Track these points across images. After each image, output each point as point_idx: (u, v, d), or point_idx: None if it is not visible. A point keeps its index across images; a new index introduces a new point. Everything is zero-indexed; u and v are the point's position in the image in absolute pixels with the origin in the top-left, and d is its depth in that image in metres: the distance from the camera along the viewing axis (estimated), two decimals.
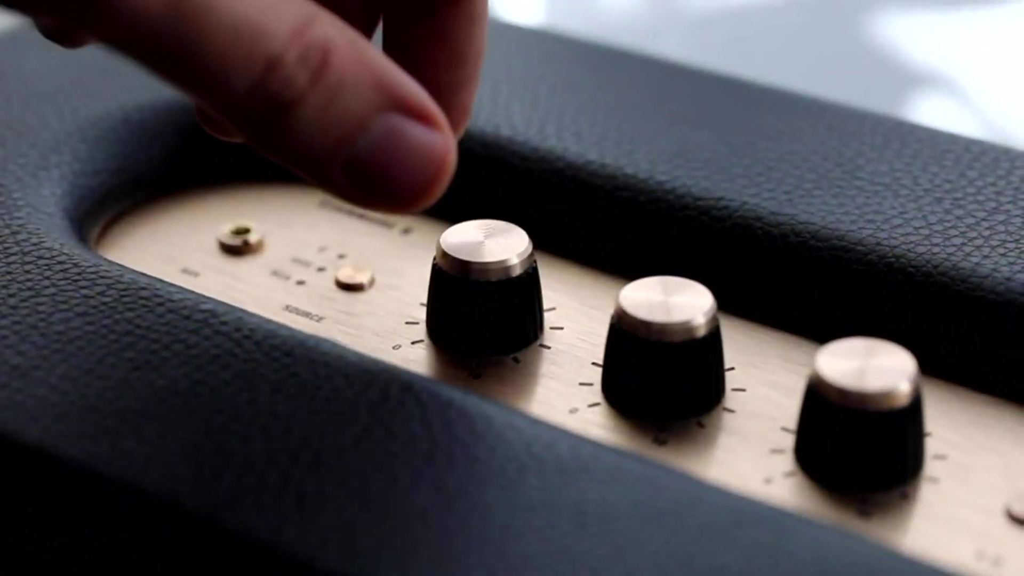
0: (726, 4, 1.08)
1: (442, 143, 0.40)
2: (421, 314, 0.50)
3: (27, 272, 0.48)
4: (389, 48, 0.45)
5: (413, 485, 0.41)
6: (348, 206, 0.54)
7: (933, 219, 0.49)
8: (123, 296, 0.47)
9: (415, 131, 0.40)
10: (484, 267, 0.47)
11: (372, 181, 0.40)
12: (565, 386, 0.47)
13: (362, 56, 0.39)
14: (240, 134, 0.40)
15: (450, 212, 0.51)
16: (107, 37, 0.37)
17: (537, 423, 0.43)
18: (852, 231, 0.49)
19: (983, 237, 0.49)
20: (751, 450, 0.45)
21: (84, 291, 0.47)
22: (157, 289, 0.47)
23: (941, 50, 1.02)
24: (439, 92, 0.43)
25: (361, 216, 0.55)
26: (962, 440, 0.45)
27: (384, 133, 0.39)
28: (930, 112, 0.97)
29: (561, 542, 0.39)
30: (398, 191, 0.40)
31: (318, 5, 0.39)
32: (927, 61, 1.01)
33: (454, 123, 0.44)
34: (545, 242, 0.52)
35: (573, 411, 0.47)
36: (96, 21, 0.36)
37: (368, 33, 0.45)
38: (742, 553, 0.39)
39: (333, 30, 0.39)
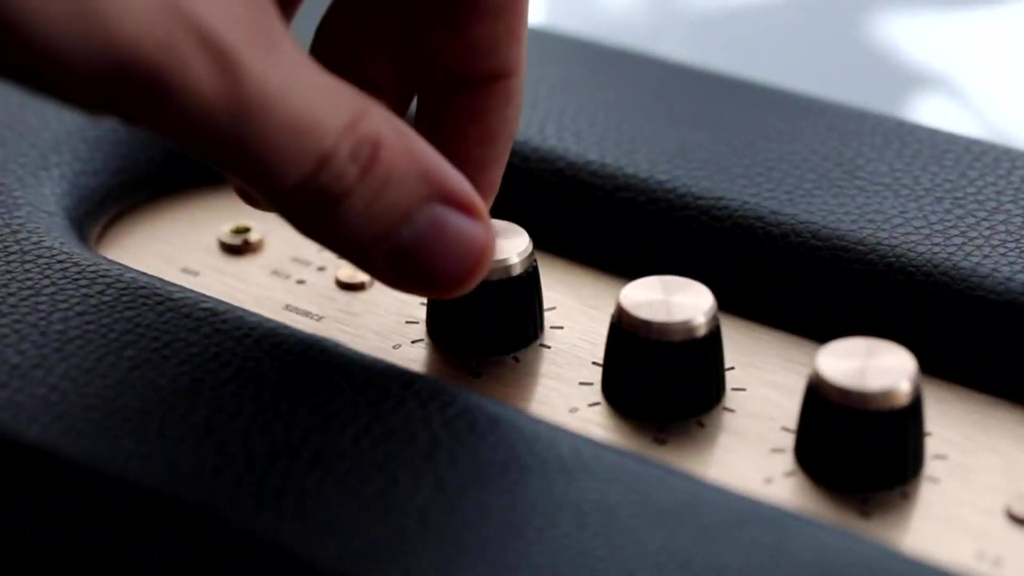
0: (726, 4, 1.08)
1: (483, 234, 0.41)
2: (421, 313, 0.50)
3: (27, 271, 0.48)
4: (422, 121, 0.46)
5: (413, 484, 0.41)
6: None
7: (933, 219, 0.49)
8: (123, 295, 0.47)
9: (457, 221, 0.41)
10: None
11: (414, 269, 0.41)
12: (565, 385, 0.47)
13: (409, 148, 0.40)
14: (286, 220, 0.40)
15: None
16: (169, 134, 0.38)
17: (537, 422, 0.43)
18: (852, 231, 0.49)
19: (983, 237, 0.49)
20: (751, 450, 0.45)
21: (84, 290, 0.47)
22: (157, 288, 0.47)
23: (941, 50, 1.02)
24: (468, 168, 0.44)
25: None
26: (962, 440, 0.45)
27: (428, 223, 0.40)
28: (930, 112, 0.97)
29: (561, 542, 0.39)
30: (439, 279, 0.41)
31: (367, 96, 0.40)
32: (927, 61, 1.01)
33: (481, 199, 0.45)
34: (545, 242, 0.52)
35: (573, 410, 0.47)
36: (161, 122, 0.37)
37: (403, 108, 0.46)
38: (742, 553, 0.39)
39: (382, 122, 0.40)
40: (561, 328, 0.50)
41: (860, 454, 0.43)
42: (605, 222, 0.52)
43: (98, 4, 0.34)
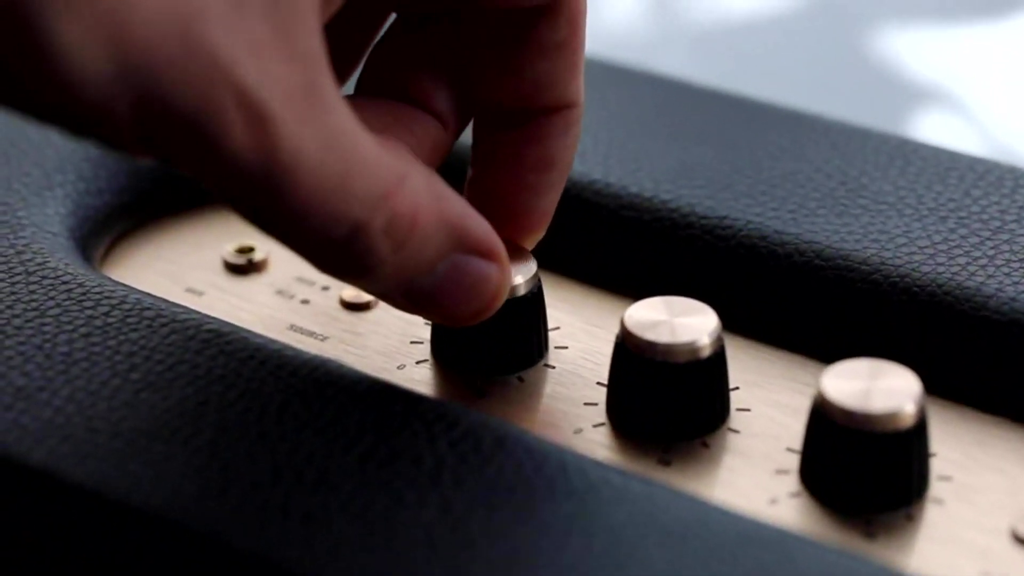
0: (728, 19, 1.08)
1: (498, 274, 0.43)
2: (426, 334, 0.50)
3: (31, 292, 0.48)
4: (480, 144, 0.46)
5: (419, 505, 0.41)
6: None
7: (937, 238, 0.49)
8: (127, 316, 0.47)
9: (476, 264, 0.42)
10: None
11: (430, 305, 0.42)
12: (570, 406, 0.47)
13: (442, 209, 0.41)
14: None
15: None
16: (204, 182, 0.38)
17: (543, 443, 0.43)
18: (856, 250, 0.49)
19: (987, 257, 0.49)
20: (756, 471, 0.45)
21: (88, 311, 0.47)
22: (161, 309, 0.47)
23: (944, 65, 1.02)
24: (524, 193, 0.46)
25: None
26: (967, 461, 0.45)
27: (448, 270, 0.41)
28: (933, 127, 0.97)
29: (568, 564, 0.39)
30: (453, 314, 0.43)
31: (409, 155, 0.41)
32: (930, 76, 1.01)
33: (533, 225, 0.46)
34: (549, 261, 0.52)
35: (578, 431, 0.47)
36: (197, 171, 0.37)
37: (458, 132, 0.46)
38: (747, 575, 0.39)
39: (420, 189, 0.40)
40: (565, 348, 0.50)
41: (865, 475, 0.43)
42: (609, 241, 0.52)
43: (142, 57, 0.35)
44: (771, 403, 0.47)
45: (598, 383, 0.48)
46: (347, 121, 0.38)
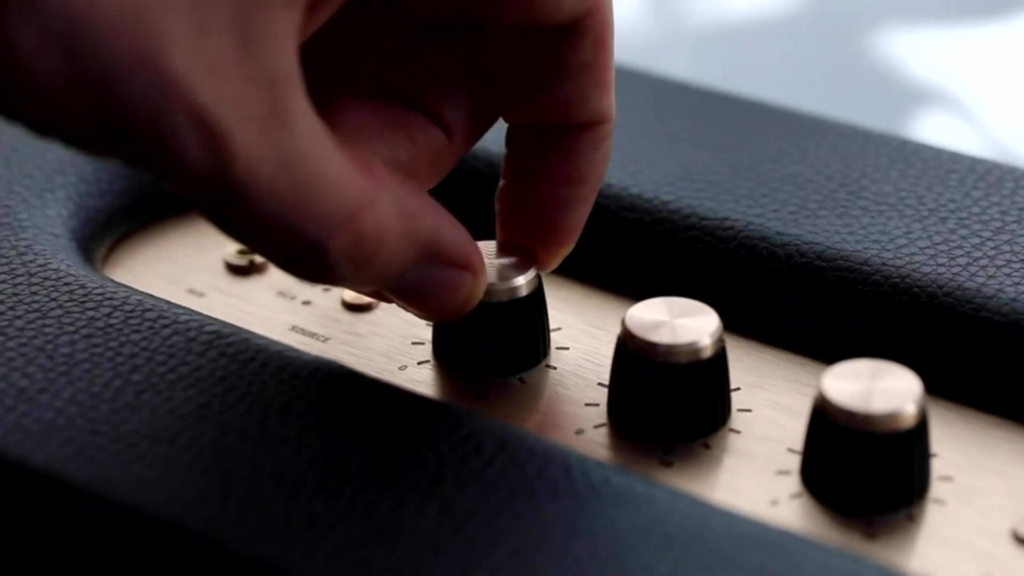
0: (729, 21, 1.08)
1: (470, 280, 0.43)
2: (427, 335, 0.50)
3: (33, 294, 0.48)
4: (512, 156, 0.46)
5: (421, 508, 0.41)
6: None
7: (938, 239, 0.50)
8: (129, 318, 0.47)
9: (447, 273, 0.42)
10: (490, 288, 0.47)
11: (400, 302, 0.44)
12: (571, 407, 0.47)
13: (413, 227, 0.41)
14: None
15: None
16: (162, 184, 0.38)
17: (544, 445, 0.43)
18: (857, 251, 0.49)
19: (988, 257, 0.49)
20: (757, 471, 0.45)
21: (90, 312, 0.47)
22: (163, 310, 0.47)
23: (945, 66, 1.02)
24: (553, 205, 0.46)
25: None
26: (968, 462, 0.45)
27: (416, 279, 0.42)
28: (934, 128, 0.97)
29: (569, 565, 0.39)
30: (422, 314, 0.44)
31: (384, 172, 0.40)
32: (931, 77, 1.01)
33: (562, 238, 0.46)
34: None
35: (579, 432, 0.47)
36: (159, 179, 0.37)
37: (468, 144, 0.46)
38: None
39: (390, 210, 0.40)
40: (567, 349, 0.50)
41: (866, 476, 0.43)
42: (610, 242, 0.52)
43: (98, 68, 0.35)
44: (772, 404, 0.47)
45: (599, 384, 0.48)
46: (313, 142, 0.38)
